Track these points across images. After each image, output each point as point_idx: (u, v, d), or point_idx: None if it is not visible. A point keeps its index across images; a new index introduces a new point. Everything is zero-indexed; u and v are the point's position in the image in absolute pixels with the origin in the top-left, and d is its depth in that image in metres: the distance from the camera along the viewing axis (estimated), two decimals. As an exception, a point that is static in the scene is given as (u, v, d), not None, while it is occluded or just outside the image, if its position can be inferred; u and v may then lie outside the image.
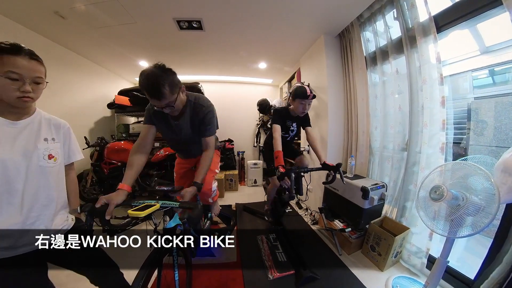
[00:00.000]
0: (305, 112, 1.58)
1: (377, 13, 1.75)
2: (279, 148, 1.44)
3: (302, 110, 1.53)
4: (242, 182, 3.79)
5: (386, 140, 1.77)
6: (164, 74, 0.91)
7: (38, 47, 0.70)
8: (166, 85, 0.91)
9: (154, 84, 0.89)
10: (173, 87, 0.94)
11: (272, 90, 4.24)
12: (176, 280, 0.95)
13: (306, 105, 1.51)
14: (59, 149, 0.80)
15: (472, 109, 1.38)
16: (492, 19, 1.17)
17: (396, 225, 1.55)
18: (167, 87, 0.91)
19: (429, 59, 1.36)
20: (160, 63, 0.94)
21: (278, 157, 1.39)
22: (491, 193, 0.78)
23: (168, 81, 0.92)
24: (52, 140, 0.78)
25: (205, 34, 2.15)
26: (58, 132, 0.82)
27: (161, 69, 0.92)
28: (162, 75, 0.90)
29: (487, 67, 1.38)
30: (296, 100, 1.51)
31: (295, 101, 1.53)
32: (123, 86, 3.23)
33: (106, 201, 0.80)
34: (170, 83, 0.92)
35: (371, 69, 1.93)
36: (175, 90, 0.96)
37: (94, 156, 2.51)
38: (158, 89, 0.90)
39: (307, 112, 1.60)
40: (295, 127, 1.71)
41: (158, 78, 0.89)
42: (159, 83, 0.89)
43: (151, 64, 0.94)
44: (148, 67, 0.94)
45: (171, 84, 0.93)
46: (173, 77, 0.96)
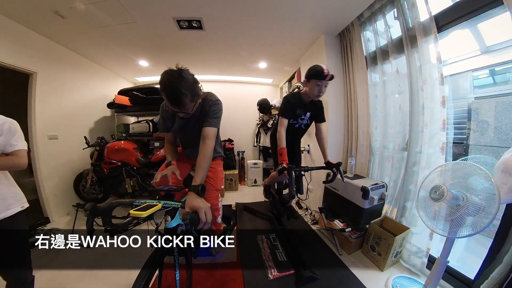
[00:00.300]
0: (321, 95, 1.37)
1: (378, 12, 1.75)
2: (283, 144, 1.35)
3: (317, 93, 1.34)
4: (242, 182, 3.79)
5: (386, 140, 1.77)
6: (187, 83, 0.89)
7: (38, 47, 0.70)
8: (188, 95, 0.89)
9: (176, 92, 0.88)
10: (194, 96, 0.93)
11: (272, 89, 4.23)
12: (177, 279, 0.95)
13: (322, 87, 1.31)
14: None
15: (472, 109, 1.38)
16: (492, 18, 1.17)
17: (396, 225, 1.56)
18: (189, 96, 0.90)
19: (429, 59, 1.35)
20: (184, 68, 0.91)
21: (282, 154, 1.33)
22: (491, 193, 0.78)
23: (190, 90, 0.90)
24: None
25: (205, 34, 2.14)
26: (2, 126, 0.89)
27: (184, 77, 0.89)
28: (185, 83, 0.88)
29: (487, 67, 1.38)
30: (311, 81, 1.32)
31: (309, 82, 1.34)
32: (123, 86, 3.23)
33: (167, 173, 0.99)
34: (191, 92, 0.91)
35: (371, 69, 1.93)
36: (194, 98, 0.95)
37: (94, 156, 2.51)
38: (179, 98, 0.89)
39: (322, 95, 1.38)
40: (308, 117, 1.51)
41: (180, 87, 0.87)
42: (181, 92, 0.87)
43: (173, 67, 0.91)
44: (171, 69, 0.90)
45: (192, 93, 0.92)
46: (195, 86, 0.94)
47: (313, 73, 1.32)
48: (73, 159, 2.58)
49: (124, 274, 1.34)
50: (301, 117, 1.49)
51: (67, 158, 2.50)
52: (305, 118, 1.52)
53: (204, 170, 0.94)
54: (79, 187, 2.57)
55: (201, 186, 0.83)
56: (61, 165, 2.41)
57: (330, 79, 1.31)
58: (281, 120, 1.41)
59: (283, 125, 1.39)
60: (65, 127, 2.44)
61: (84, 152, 2.58)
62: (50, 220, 2.24)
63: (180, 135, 1.31)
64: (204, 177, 0.93)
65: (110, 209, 0.79)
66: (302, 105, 1.46)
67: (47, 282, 1.32)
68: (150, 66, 3.11)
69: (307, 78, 1.36)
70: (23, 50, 1.92)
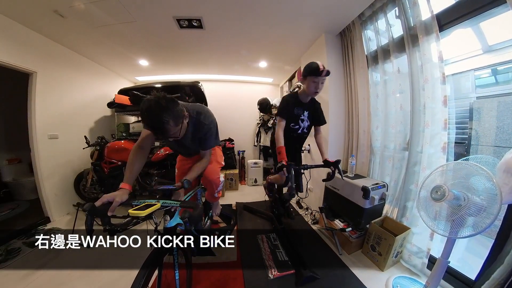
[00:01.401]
0: (318, 92, 1.40)
1: (379, 11, 1.74)
2: (281, 143, 1.38)
3: (314, 90, 1.36)
4: (243, 181, 3.79)
5: (387, 140, 1.77)
6: (166, 110, 0.84)
7: (37, 46, 0.70)
8: (170, 121, 0.86)
9: (157, 123, 0.84)
10: (177, 120, 0.89)
11: (272, 89, 4.22)
12: (177, 279, 0.95)
13: (319, 84, 1.34)
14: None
15: (474, 109, 1.37)
16: (495, 17, 1.16)
17: (396, 225, 1.55)
18: (171, 122, 0.86)
19: (431, 58, 1.34)
20: (161, 94, 0.86)
21: (281, 153, 1.34)
22: (493, 194, 0.78)
23: (171, 116, 0.86)
24: None
25: (205, 33, 2.14)
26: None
27: (162, 104, 0.84)
28: (164, 110, 0.84)
29: (489, 66, 1.37)
30: (308, 78, 1.35)
31: (306, 79, 1.37)
32: (123, 85, 3.23)
33: (109, 199, 0.79)
34: (173, 117, 0.87)
35: (372, 68, 1.92)
36: (178, 122, 0.91)
37: (94, 156, 2.51)
38: (162, 128, 0.86)
39: (319, 92, 1.40)
40: (307, 117, 1.52)
41: (160, 116, 0.83)
42: (162, 122, 0.84)
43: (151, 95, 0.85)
44: (148, 99, 0.85)
45: (174, 118, 0.88)
46: (176, 109, 0.89)
47: (309, 70, 1.33)
48: (73, 159, 2.58)
49: (124, 274, 1.34)
50: (300, 117, 1.50)
51: (68, 158, 2.50)
52: (305, 118, 1.52)
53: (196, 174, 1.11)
54: (79, 187, 2.57)
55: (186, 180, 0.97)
56: (61, 164, 2.41)
57: (326, 75, 1.33)
58: (279, 120, 1.44)
59: (280, 126, 1.42)
60: (65, 126, 2.44)
61: (84, 151, 2.58)
62: (51, 220, 2.24)
63: (175, 149, 1.41)
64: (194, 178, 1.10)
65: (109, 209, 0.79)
66: (300, 104, 1.48)
67: (47, 282, 1.32)
68: (150, 66, 3.11)
69: (304, 75, 1.39)
70: (23, 49, 1.92)
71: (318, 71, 1.30)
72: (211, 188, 1.48)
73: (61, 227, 2.12)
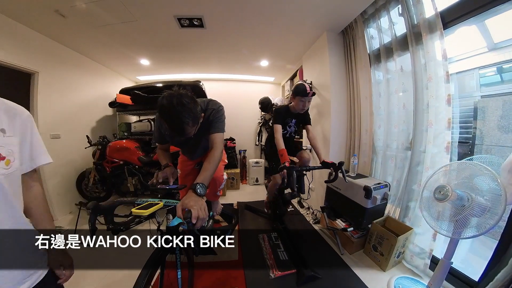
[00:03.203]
0: (305, 109, 1.64)
1: (382, 9, 1.71)
2: (282, 146, 1.51)
3: (302, 107, 1.59)
4: (244, 180, 3.79)
5: (389, 139, 1.75)
6: (188, 111, 0.84)
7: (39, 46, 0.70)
8: (189, 122, 0.86)
9: (178, 123, 0.84)
10: (195, 120, 0.90)
11: (274, 88, 4.21)
12: (179, 278, 0.95)
13: (306, 102, 1.57)
14: (15, 146, 0.51)
15: (478, 108, 1.35)
16: (501, 14, 1.14)
17: (399, 225, 1.54)
18: (190, 123, 0.87)
19: (435, 56, 1.33)
20: (183, 92, 0.86)
21: (283, 155, 1.46)
22: (497, 194, 0.77)
23: (191, 117, 0.86)
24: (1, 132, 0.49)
25: (206, 32, 2.13)
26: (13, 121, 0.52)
27: (185, 104, 0.83)
28: (185, 110, 0.83)
29: (495, 64, 1.35)
30: (297, 98, 1.57)
31: (295, 99, 1.58)
32: (125, 85, 3.24)
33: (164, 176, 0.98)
34: (193, 118, 0.87)
35: (375, 67, 1.90)
36: (196, 123, 0.92)
37: (96, 155, 2.53)
38: (182, 128, 0.86)
39: (307, 109, 1.65)
40: (294, 123, 1.76)
41: (181, 117, 0.83)
42: (183, 122, 0.84)
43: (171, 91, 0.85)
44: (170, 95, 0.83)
45: (193, 118, 0.88)
46: (196, 109, 0.89)
47: (297, 91, 1.55)
48: (76, 158, 2.59)
49: (126, 274, 1.35)
50: (288, 124, 1.73)
51: (70, 157, 2.52)
52: (292, 124, 1.74)
53: (209, 173, 0.90)
54: (81, 186, 2.59)
55: (200, 185, 0.78)
56: (63, 164, 2.43)
57: (312, 96, 1.56)
58: (276, 127, 1.61)
59: (278, 131, 1.59)
60: (67, 126, 2.45)
61: (86, 151, 2.59)
62: (53, 219, 2.26)
63: (180, 148, 1.38)
64: (208, 179, 0.88)
65: (112, 208, 0.80)
66: (290, 115, 1.69)
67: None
68: (151, 65, 3.11)
69: (293, 95, 1.60)
70: (24, 49, 1.93)
71: (305, 92, 1.51)
72: (214, 185, 1.48)
73: (64, 226, 2.14)
